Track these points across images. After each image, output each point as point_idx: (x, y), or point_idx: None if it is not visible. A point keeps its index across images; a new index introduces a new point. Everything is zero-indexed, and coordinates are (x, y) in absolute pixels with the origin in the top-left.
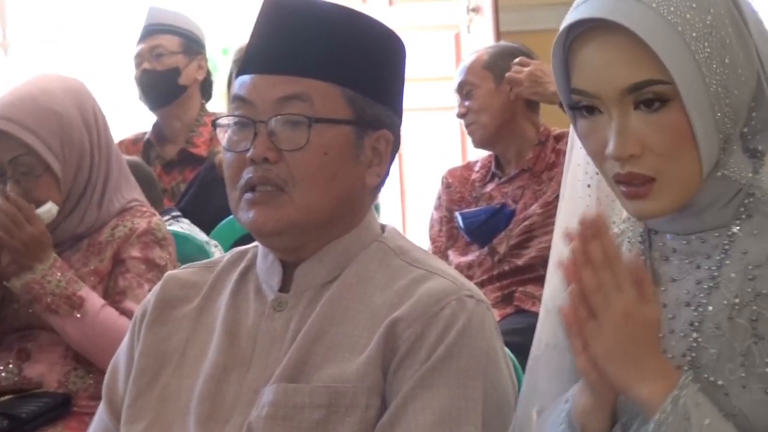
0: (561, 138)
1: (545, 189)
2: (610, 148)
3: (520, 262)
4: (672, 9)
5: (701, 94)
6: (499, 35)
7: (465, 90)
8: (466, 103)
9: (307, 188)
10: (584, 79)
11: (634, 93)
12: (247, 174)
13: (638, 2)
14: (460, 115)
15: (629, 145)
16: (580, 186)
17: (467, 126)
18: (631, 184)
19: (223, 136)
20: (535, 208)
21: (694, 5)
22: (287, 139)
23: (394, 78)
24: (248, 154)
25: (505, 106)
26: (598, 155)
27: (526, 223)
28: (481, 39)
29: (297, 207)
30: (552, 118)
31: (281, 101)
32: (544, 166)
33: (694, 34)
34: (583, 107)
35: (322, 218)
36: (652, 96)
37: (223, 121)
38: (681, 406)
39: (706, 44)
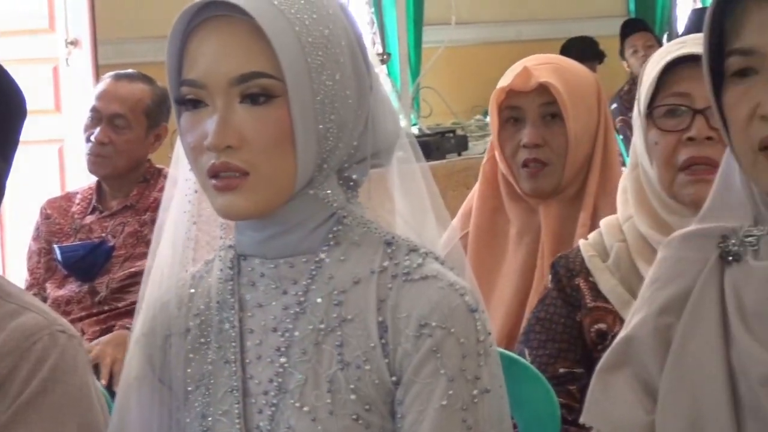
0: None
1: (146, 231)
2: (209, 137)
3: (120, 305)
4: (293, 11)
5: (308, 97)
6: (98, 68)
7: (117, 122)
8: (111, 134)
9: None
10: (195, 68)
11: (242, 84)
12: None
13: None
14: (100, 142)
15: (229, 135)
16: (181, 240)
17: (97, 155)
18: (223, 178)
19: None
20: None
21: (314, 16)
22: None
23: (4, 128)
24: None
25: (141, 155)
26: (196, 149)
27: (132, 269)
28: (81, 72)
29: None
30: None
31: None
32: (148, 204)
33: (310, 39)
34: (189, 101)
35: None
36: (259, 90)
37: None
38: None
39: (320, 53)
